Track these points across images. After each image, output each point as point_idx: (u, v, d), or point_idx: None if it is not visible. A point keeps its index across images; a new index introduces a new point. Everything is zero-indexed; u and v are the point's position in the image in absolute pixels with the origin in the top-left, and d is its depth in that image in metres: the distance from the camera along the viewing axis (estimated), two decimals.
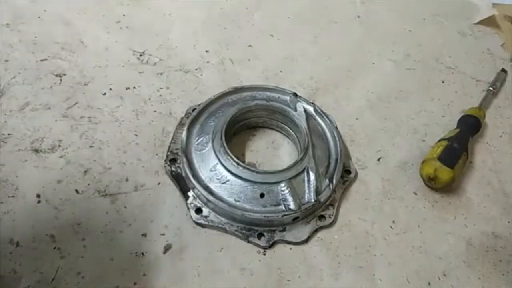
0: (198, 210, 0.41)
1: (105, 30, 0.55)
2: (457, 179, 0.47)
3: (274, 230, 0.41)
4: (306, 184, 0.42)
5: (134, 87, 0.50)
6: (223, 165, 0.42)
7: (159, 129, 0.47)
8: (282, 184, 0.41)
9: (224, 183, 0.41)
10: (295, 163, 0.42)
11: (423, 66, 0.59)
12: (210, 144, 0.43)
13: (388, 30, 0.63)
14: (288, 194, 0.41)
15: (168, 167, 0.44)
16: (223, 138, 0.42)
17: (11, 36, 0.52)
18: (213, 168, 0.42)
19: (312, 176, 0.42)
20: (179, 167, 0.44)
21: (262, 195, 0.41)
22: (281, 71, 0.55)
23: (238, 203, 0.40)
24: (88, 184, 0.42)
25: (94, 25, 0.56)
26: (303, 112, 0.47)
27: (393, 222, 0.44)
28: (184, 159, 0.42)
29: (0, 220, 0.39)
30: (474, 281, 0.42)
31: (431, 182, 0.46)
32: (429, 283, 0.41)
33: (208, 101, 0.47)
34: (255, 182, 0.41)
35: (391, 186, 0.47)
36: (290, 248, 0.41)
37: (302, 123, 0.46)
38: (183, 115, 0.48)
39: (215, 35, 0.58)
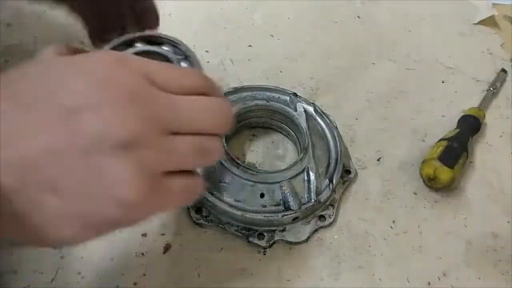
0: (198, 210, 0.41)
1: None
2: (457, 179, 0.47)
3: (274, 230, 0.41)
4: (306, 184, 0.42)
5: None
6: (223, 165, 0.42)
7: None
8: (282, 184, 0.41)
9: (224, 183, 0.41)
10: (295, 163, 0.42)
11: (423, 66, 0.59)
12: None
13: (388, 30, 0.63)
14: (288, 194, 0.41)
15: None
16: (223, 138, 0.42)
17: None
18: (212, 168, 0.42)
19: (312, 176, 0.42)
20: None
21: (262, 195, 0.41)
22: (281, 71, 0.55)
23: (238, 203, 0.40)
24: None
25: None
26: (303, 112, 0.47)
27: (393, 222, 0.44)
28: None
29: None
30: (474, 281, 0.42)
31: (431, 182, 0.46)
32: (429, 283, 0.41)
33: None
34: (255, 182, 0.41)
35: (391, 186, 0.47)
36: (290, 248, 0.41)
37: (302, 123, 0.46)
38: None
39: (215, 35, 0.58)
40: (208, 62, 0.55)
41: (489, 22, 0.66)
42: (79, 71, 0.22)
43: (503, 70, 0.59)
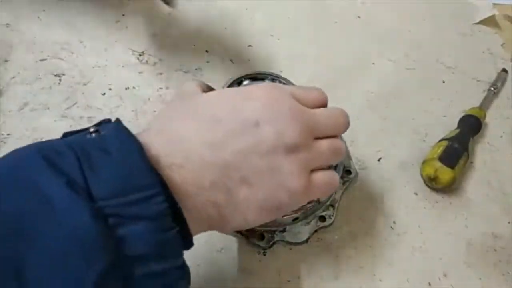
0: None
1: (104, 30, 0.55)
2: (457, 180, 0.47)
3: (274, 231, 0.41)
4: None
5: (134, 87, 0.50)
6: None
7: None
8: None
9: None
10: None
11: (423, 66, 0.59)
12: None
13: (388, 30, 0.63)
14: None
15: None
16: None
17: (11, 36, 0.52)
18: None
19: None
20: None
21: None
22: (281, 71, 0.55)
23: None
24: None
25: (93, 25, 0.55)
26: None
27: (394, 222, 0.44)
28: None
29: None
30: (474, 281, 0.42)
31: (432, 183, 0.46)
32: (429, 283, 0.41)
33: None
34: None
35: (391, 186, 0.47)
36: (290, 249, 0.41)
37: None
38: None
39: (215, 35, 0.58)
40: (208, 62, 0.55)
41: (490, 22, 0.66)
42: (253, 96, 0.30)
43: (504, 70, 0.59)
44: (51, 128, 0.45)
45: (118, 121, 0.26)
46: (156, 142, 0.26)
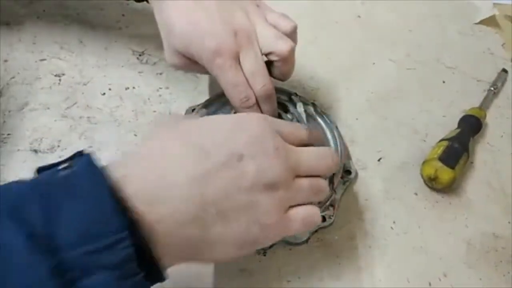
0: None
1: (104, 29, 0.55)
2: (458, 180, 0.47)
3: None
4: None
5: (134, 87, 0.50)
6: None
7: None
8: None
9: None
10: None
11: (424, 66, 0.59)
12: None
13: (388, 30, 0.63)
14: None
15: None
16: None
17: (11, 36, 0.52)
18: None
19: None
20: None
21: None
22: None
23: None
24: None
25: (93, 24, 0.55)
26: (303, 112, 0.47)
27: (394, 222, 0.44)
28: None
29: None
30: (475, 282, 0.42)
31: (432, 183, 0.46)
32: (430, 284, 0.41)
33: (208, 101, 0.47)
34: None
35: (391, 186, 0.47)
36: (290, 249, 0.41)
37: (302, 123, 0.45)
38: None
39: None
40: None
41: (490, 21, 0.66)
42: (243, 128, 0.30)
43: (504, 70, 0.59)
44: (51, 128, 0.45)
45: (91, 155, 0.25)
46: (139, 174, 0.26)
